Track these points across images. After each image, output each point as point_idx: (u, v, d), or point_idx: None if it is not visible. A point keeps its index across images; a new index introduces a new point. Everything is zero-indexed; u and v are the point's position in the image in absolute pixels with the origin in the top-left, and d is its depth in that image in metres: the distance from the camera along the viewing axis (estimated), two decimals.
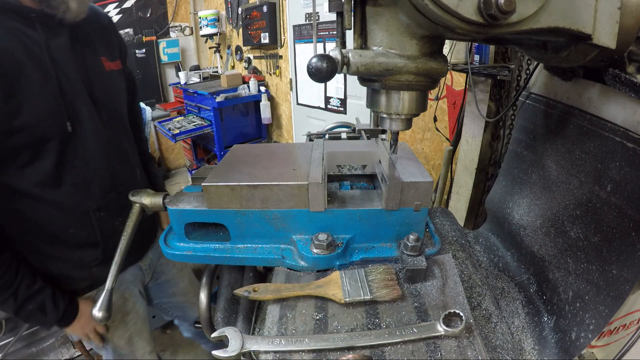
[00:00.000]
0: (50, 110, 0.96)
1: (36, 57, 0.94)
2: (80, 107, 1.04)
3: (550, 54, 0.75)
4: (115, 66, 1.20)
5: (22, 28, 0.93)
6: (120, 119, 1.24)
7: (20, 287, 1.05)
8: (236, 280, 0.91)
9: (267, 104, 4.79)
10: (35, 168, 0.99)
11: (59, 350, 2.20)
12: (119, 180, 1.19)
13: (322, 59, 0.60)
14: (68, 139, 1.02)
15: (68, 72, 1.01)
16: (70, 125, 1.01)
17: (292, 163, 0.88)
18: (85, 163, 1.08)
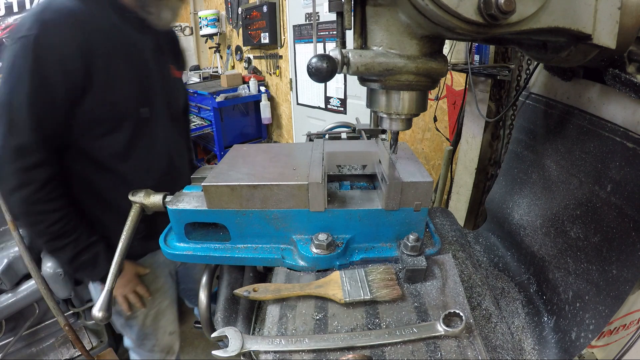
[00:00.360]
0: (132, 94, 1.14)
1: (127, 50, 1.13)
2: (155, 98, 1.23)
3: (550, 54, 0.75)
4: (179, 75, 1.42)
5: (120, 23, 1.11)
6: (179, 117, 1.42)
7: (81, 236, 1.16)
8: (236, 280, 0.91)
9: (267, 104, 4.79)
10: (110, 140, 1.15)
11: (59, 350, 2.20)
12: (174, 167, 1.35)
13: (322, 59, 0.60)
14: (141, 122, 1.19)
15: (150, 68, 1.20)
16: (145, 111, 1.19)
17: (292, 163, 0.88)
18: (151, 146, 1.25)
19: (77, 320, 2.21)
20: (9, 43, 1.01)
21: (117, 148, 1.17)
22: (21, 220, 1.12)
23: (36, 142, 1.03)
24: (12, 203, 1.08)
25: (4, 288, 1.88)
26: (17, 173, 1.03)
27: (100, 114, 1.10)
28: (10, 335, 1.96)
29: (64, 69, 1.00)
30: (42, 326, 2.11)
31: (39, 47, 0.97)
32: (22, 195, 1.05)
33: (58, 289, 1.90)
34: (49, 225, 1.10)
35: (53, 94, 1.02)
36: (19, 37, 0.98)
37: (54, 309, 1.86)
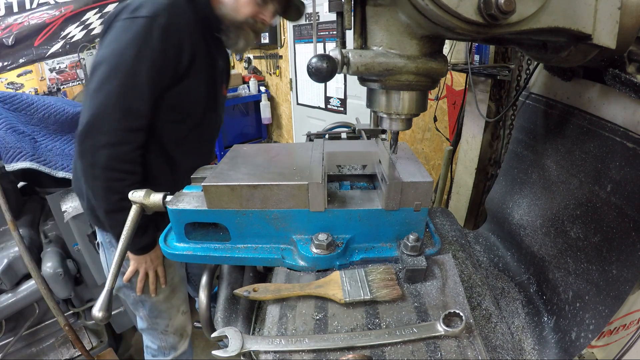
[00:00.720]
0: (203, 95, 1.32)
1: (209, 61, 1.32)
2: (215, 105, 1.43)
3: (550, 54, 0.75)
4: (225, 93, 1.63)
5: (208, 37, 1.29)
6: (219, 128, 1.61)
7: None
8: (236, 280, 0.91)
9: (267, 104, 4.79)
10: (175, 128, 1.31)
11: (59, 350, 2.20)
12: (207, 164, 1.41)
13: (322, 59, 0.60)
14: (199, 121, 1.36)
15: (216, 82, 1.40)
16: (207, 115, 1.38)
17: (292, 163, 0.88)
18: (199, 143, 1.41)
19: (77, 320, 2.21)
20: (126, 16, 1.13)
21: (176, 136, 1.32)
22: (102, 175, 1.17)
23: (147, 109, 1.17)
24: (100, 156, 1.14)
25: (4, 288, 1.88)
26: (120, 131, 1.13)
27: (180, 102, 1.26)
28: (10, 335, 1.96)
29: (178, 56, 1.17)
30: (42, 326, 2.11)
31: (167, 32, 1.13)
32: (115, 152, 1.14)
33: (58, 289, 1.90)
34: (128, 185, 1.18)
35: (167, 73, 1.18)
36: (146, 17, 1.11)
37: (54, 309, 1.87)
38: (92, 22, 4.19)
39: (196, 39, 1.22)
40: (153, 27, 1.10)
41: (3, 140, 1.72)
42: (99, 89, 1.11)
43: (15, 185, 2.03)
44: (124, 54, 1.10)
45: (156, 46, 1.11)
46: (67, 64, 4.21)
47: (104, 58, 1.12)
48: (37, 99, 1.98)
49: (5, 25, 3.19)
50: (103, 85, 1.11)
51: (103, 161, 1.14)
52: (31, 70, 4.13)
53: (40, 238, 2.06)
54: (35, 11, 3.39)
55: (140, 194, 0.88)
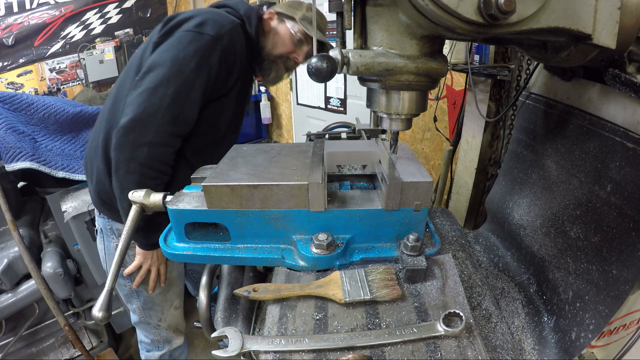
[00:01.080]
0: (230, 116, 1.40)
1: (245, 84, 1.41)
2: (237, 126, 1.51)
3: (550, 54, 0.75)
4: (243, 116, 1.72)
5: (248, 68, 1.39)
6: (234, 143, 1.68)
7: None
8: (236, 280, 0.91)
9: (267, 104, 4.79)
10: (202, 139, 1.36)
11: (59, 350, 2.20)
12: None
13: (322, 59, 0.60)
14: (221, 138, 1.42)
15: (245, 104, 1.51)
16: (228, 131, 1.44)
17: (292, 163, 0.88)
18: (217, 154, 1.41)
19: (77, 320, 2.21)
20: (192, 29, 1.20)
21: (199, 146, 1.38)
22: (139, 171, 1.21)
23: (193, 119, 1.25)
24: (141, 153, 1.18)
25: (4, 288, 1.88)
26: (166, 134, 1.19)
27: (211, 117, 1.33)
28: (10, 335, 1.96)
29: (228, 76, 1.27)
30: (42, 326, 2.11)
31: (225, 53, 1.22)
32: (156, 151, 1.19)
33: (58, 289, 1.90)
34: (158, 184, 1.25)
35: (214, 90, 1.26)
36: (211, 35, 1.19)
37: (54, 309, 1.87)
38: (92, 22, 4.20)
39: (244, 64, 1.33)
40: (216, 47, 1.20)
41: (3, 140, 1.72)
42: (154, 89, 1.15)
43: (15, 185, 2.03)
44: (185, 64, 1.17)
45: (215, 65, 1.20)
46: (67, 64, 4.21)
47: (163, 61, 1.17)
48: (37, 99, 1.98)
49: (5, 25, 3.19)
50: (159, 87, 1.15)
51: (142, 158, 1.18)
52: (31, 70, 4.13)
53: (40, 238, 2.07)
54: (35, 11, 3.39)
55: (140, 194, 0.88)
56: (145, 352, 1.74)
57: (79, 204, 1.88)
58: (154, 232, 1.29)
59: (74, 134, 2.08)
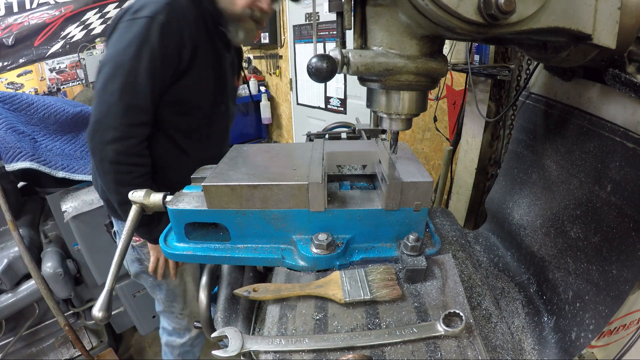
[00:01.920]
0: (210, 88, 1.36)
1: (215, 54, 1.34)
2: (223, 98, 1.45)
3: (550, 54, 0.75)
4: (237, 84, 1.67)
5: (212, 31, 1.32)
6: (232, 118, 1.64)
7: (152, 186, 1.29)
8: (236, 280, 0.91)
9: (267, 104, 4.79)
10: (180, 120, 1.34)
11: (59, 350, 2.20)
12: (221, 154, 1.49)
13: (322, 59, 0.60)
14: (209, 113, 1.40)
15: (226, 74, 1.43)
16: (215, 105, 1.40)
17: (292, 163, 0.88)
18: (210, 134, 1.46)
19: (77, 320, 2.21)
20: (128, 17, 1.18)
21: (185, 127, 1.37)
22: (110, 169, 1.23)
23: (148, 104, 1.21)
24: (108, 152, 1.19)
25: (4, 288, 1.88)
26: (123, 126, 1.18)
27: (185, 96, 1.30)
28: (10, 335, 1.96)
29: (178, 52, 1.21)
30: (42, 326, 2.11)
31: (166, 30, 1.16)
32: (121, 147, 1.19)
33: (58, 289, 1.90)
34: (136, 177, 1.25)
35: (167, 70, 1.21)
36: (147, 17, 1.15)
37: (54, 309, 1.87)
38: (92, 22, 4.19)
39: (198, 34, 1.25)
40: (152, 26, 1.14)
41: (3, 140, 1.72)
42: (104, 88, 1.16)
43: (15, 185, 2.03)
44: (125, 53, 1.15)
45: (155, 44, 1.15)
46: (67, 64, 4.20)
47: (108, 59, 1.18)
48: (37, 99, 1.98)
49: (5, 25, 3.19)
50: (107, 84, 1.16)
51: (111, 156, 1.19)
52: (31, 70, 4.13)
53: (40, 238, 2.07)
54: (35, 11, 3.39)
55: (140, 194, 0.88)
56: (166, 335, 1.81)
57: (79, 204, 1.88)
58: (157, 226, 1.32)
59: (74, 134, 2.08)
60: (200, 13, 1.27)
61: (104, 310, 0.86)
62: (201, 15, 1.27)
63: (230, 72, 1.50)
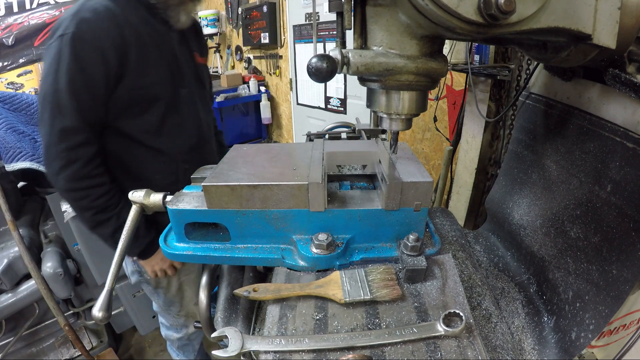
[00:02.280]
0: (164, 78, 1.29)
1: (158, 41, 1.27)
2: (184, 82, 1.37)
3: (550, 54, 0.75)
4: (203, 61, 1.56)
5: (150, 19, 1.26)
6: (206, 98, 1.57)
7: (123, 209, 1.27)
8: (236, 280, 0.91)
9: (267, 104, 4.79)
10: (144, 119, 1.29)
11: (59, 350, 2.20)
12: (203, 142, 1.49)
13: (322, 59, 0.60)
14: (172, 102, 1.33)
15: (177, 55, 1.35)
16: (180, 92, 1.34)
17: (292, 163, 0.88)
18: (181, 123, 1.39)
19: (77, 320, 2.21)
20: (49, 42, 1.15)
21: (150, 126, 1.31)
22: (68, 197, 1.24)
23: (79, 123, 1.16)
24: (59, 181, 1.19)
25: (4, 288, 1.88)
26: (63, 153, 1.16)
27: (134, 97, 1.24)
28: (10, 335, 1.96)
29: (100, 60, 1.14)
30: (42, 326, 2.11)
31: (77, 42, 1.11)
32: (68, 173, 1.18)
33: (58, 289, 1.90)
34: (94, 199, 1.23)
35: (92, 82, 1.15)
36: (58, 36, 1.11)
37: (54, 309, 1.87)
38: None
39: (129, 30, 1.18)
40: (62, 44, 1.10)
41: (3, 140, 1.72)
42: (40, 121, 1.17)
43: (15, 185, 2.03)
44: (46, 81, 1.13)
45: (69, 61, 1.10)
46: None
47: (38, 92, 1.18)
48: (37, 99, 1.98)
49: (5, 25, 3.18)
50: (41, 117, 1.16)
51: (62, 185, 1.20)
52: (31, 70, 4.12)
53: (40, 238, 2.07)
54: (35, 11, 3.38)
55: (140, 194, 0.88)
56: (165, 330, 1.85)
57: None
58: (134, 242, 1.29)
59: None
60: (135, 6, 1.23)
61: (104, 310, 0.86)
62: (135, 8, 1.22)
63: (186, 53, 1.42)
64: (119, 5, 1.19)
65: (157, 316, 2.36)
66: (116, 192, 1.28)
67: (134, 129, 1.29)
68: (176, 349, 1.90)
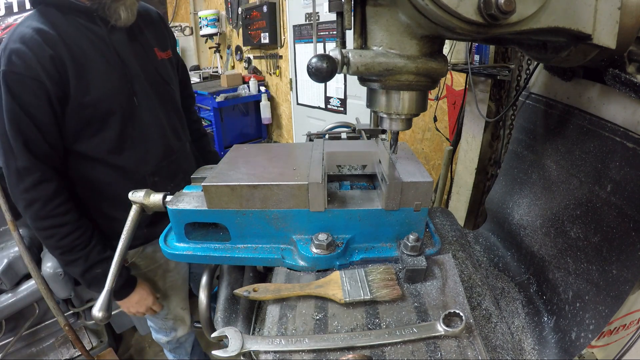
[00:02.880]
0: (114, 89, 1.18)
1: (100, 48, 1.16)
2: (138, 88, 1.25)
3: (550, 54, 0.75)
4: (166, 55, 1.40)
5: (88, 24, 1.14)
6: (172, 99, 1.42)
7: (93, 250, 1.23)
8: (236, 280, 0.91)
9: (267, 104, 4.79)
10: (102, 137, 1.20)
11: (59, 350, 2.20)
12: (171, 151, 1.39)
13: (322, 59, 0.60)
14: (129, 113, 1.23)
15: (127, 60, 1.22)
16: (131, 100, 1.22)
17: (292, 163, 0.88)
18: (143, 134, 1.29)
19: (77, 320, 2.21)
20: None
21: (110, 143, 1.22)
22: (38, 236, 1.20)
23: (30, 163, 1.09)
24: (28, 220, 1.16)
25: (4, 288, 1.88)
26: (22, 194, 1.12)
27: (85, 116, 1.16)
28: (10, 335, 1.96)
29: (37, 90, 1.06)
30: (42, 326, 2.11)
31: (10, 79, 1.04)
32: (31, 213, 1.14)
33: (58, 289, 1.90)
34: (59, 239, 1.17)
35: (33, 116, 1.08)
36: None
37: (54, 309, 1.86)
38: None
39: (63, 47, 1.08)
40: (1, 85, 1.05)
41: None
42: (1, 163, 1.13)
43: None
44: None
45: (7, 100, 1.05)
46: None
47: None
48: None
49: (5, 25, 3.18)
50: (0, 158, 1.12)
51: (30, 224, 1.16)
52: None
53: None
54: None
55: (140, 194, 0.88)
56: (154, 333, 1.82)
57: None
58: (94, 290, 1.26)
59: None
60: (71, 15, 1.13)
61: (104, 310, 0.86)
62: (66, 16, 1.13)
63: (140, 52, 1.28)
64: (51, 21, 1.10)
65: None
66: (85, 231, 1.21)
67: (94, 149, 1.21)
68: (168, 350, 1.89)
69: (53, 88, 1.08)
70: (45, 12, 1.11)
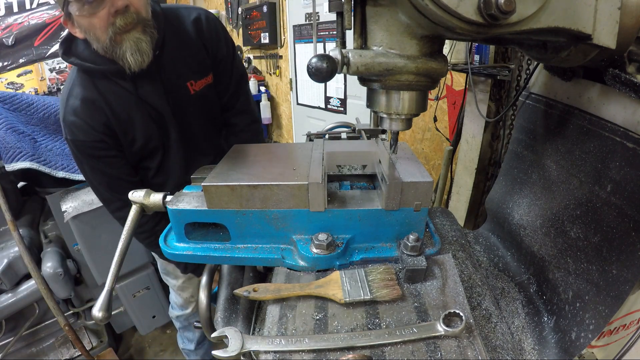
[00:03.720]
0: (151, 135, 1.33)
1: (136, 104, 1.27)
2: (170, 131, 1.37)
3: (550, 54, 0.75)
4: (205, 82, 1.39)
5: (118, 81, 1.22)
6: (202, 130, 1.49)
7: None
8: (236, 280, 0.91)
9: (267, 104, 4.79)
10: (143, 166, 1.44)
11: (59, 350, 2.20)
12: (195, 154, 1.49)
13: (322, 59, 0.60)
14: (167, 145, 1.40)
15: (158, 107, 1.30)
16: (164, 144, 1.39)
17: (292, 163, 0.88)
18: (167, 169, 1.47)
19: (77, 320, 2.21)
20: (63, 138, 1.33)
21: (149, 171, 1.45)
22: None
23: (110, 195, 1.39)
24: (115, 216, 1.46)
25: (4, 288, 1.88)
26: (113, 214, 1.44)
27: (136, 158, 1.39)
28: (10, 335, 1.96)
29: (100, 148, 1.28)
30: (42, 326, 2.11)
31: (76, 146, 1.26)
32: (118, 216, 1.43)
33: (58, 289, 1.90)
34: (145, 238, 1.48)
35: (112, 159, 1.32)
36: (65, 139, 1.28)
37: (54, 309, 1.87)
38: None
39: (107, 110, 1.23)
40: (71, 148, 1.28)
41: (3, 140, 1.72)
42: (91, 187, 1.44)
43: (15, 185, 2.03)
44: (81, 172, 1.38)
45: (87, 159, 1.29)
46: (67, 64, 4.20)
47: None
48: (37, 99, 1.98)
49: (5, 25, 3.18)
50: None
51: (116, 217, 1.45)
52: (31, 70, 4.13)
53: (40, 238, 2.07)
54: (35, 11, 3.37)
55: (140, 194, 0.88)
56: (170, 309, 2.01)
57: (79, 204, 1.88)
58: None
59: None
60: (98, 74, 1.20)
61: (104, 310, 0.86)
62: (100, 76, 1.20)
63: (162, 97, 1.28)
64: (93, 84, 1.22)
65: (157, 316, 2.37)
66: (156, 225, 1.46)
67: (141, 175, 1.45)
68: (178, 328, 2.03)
69: (111, 141, 1.28)
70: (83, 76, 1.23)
